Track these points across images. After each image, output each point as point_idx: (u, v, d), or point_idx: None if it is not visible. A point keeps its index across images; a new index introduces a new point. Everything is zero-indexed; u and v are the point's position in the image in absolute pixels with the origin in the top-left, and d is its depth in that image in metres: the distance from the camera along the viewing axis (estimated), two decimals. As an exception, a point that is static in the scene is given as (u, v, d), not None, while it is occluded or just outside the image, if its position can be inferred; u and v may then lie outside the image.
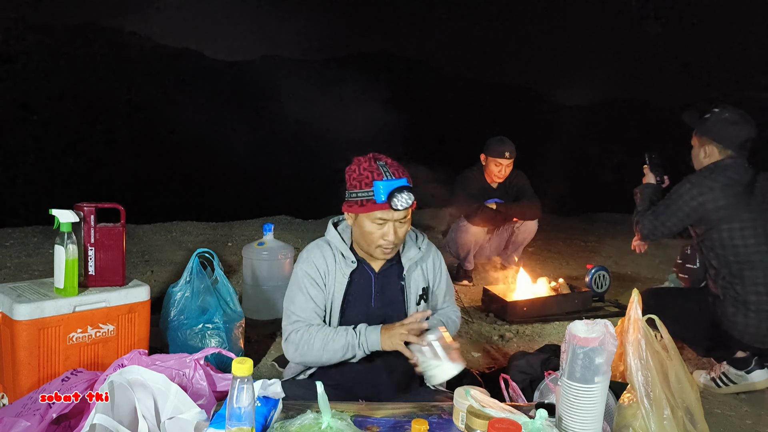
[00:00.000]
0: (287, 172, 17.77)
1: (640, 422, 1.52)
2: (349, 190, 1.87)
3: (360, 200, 1.83)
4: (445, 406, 1.57)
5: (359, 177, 1.83)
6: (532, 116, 21.36)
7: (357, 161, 1.87)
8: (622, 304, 3.81)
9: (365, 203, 1.83)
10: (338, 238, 1.97)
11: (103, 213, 2.28)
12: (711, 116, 2.64)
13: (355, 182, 1.84)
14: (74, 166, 17.37)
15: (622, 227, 6.58)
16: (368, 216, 1.84)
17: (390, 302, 1.98)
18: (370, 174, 1.82)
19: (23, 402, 1.76)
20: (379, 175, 1.82)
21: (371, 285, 1.97)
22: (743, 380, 2.64)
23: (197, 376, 1.82)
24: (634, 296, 1.62)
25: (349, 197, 1.87)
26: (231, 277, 3.95)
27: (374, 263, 1.99)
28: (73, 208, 2.17)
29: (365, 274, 1.97)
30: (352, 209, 1.86)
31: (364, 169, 1.83)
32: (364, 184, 1.82)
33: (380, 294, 1.97)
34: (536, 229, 4.14)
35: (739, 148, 2.58)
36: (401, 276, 1.99)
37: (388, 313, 1.97)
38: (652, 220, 2.70)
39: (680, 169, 2.75)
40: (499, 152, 3.97)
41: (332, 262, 1.94)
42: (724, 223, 2.52)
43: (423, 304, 2.04)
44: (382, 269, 1.99)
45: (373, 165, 1.83)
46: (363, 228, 1.87)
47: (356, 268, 1.94)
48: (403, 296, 1.99)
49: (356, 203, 1.84)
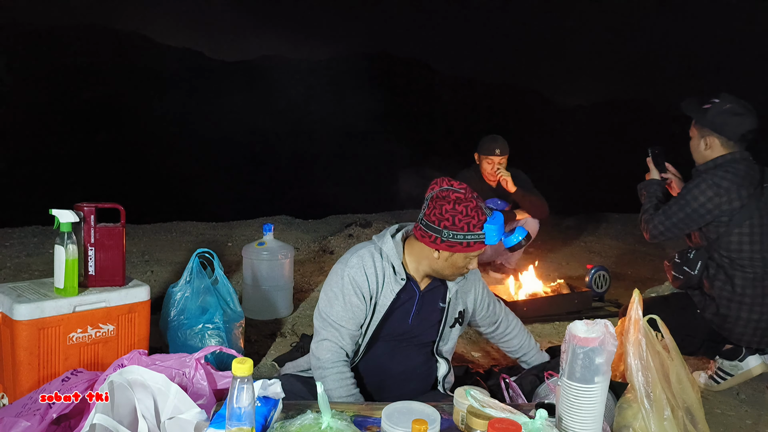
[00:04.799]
0: (287, 171, 17.78)
1: (640, 422, 1.52)
2: (451, 230, 1.77)
3: (468, 242, 1.79)
4: (445, 406, 1.57)
5: (466, 219, 1.77)
6: (532, 116, 21.36)
7: (453, 199, 1.78)
8: (622, 304, 3.80)
9: (473, 245, 1.80)
10: (394, 251, 1.91)
11: (103, 213, 2.28)
12: (712, 107, 2.55)
13: (463, 224, 1.77)
14: (74, 166, 17.36)
15: (622, 227, 6.58)
16: (468, 254, 1.82)
17: (426, 321, 1.98)
18: (476, 215, 1.78)
19: (23, 402, 1.76)
20: (483, 216, 1.79)
21: (414, 303, 1.95)
22: (739, 369, 2.62)
23: (197, 375, 1.82)
24: (634, 296, 1.62)
25: (453, 237, 1.78)
26: (231, 277, 3.95)
27: (421, 282, 1.96)
28: (73, 208, 2.16)
29: (411, 291, 1.94)
30: (454, 249, 1.80)
31: (471, 210, 1.77)
32: (473, 227, 1.78)
33: (419, 312, 1.96)
34: (537, 229, 4.14)
35: (741, 140, 2.53)
36: (444, 299, 1.98)
37: (421, 330, 1.97)
38: (663, 221, 2.60)
39: (683, 171, 2.72)
40: (490, 149, 3.94)
41: (382, 275, 1.89)
42: (736, 226, 2.49)
43: (458, 327, 2.05)
44: (427, 289, 1.97)
45: (477, 204, 1.79)
46: (455, 263, 1.84)
47: (404, 285, 1.91)
48: (441, 317, 1.99)
49: (460, 244, 1.79)
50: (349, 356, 1.90)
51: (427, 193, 1.86)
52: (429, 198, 1.84)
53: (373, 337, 1.93)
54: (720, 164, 2.54)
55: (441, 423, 1.39)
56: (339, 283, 1.89)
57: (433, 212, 1.80)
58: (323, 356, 1.86)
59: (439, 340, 2.00)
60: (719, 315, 2.56)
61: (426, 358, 2.02)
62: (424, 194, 1.89)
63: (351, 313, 1.87)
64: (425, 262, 1.89)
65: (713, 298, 2.58)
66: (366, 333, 1.91)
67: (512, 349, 2.32)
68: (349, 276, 1.87)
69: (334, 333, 1.87)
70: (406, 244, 1.94)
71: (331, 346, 1.86)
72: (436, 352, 2.02)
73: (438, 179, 1.86)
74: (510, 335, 2.29)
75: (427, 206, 1.83)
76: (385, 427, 1.36)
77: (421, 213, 1.86)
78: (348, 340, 1.87)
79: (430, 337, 2.00)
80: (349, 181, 20.96)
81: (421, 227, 1.84)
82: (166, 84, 26.21)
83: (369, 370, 1.95)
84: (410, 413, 1.39)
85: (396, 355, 1.96)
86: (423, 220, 1.84)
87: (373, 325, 1.90)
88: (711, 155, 2.58)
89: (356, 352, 1.94)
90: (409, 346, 1.98)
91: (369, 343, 1.93)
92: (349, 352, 1.89)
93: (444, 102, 24.97)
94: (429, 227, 1.81)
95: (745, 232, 2.50)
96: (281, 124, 20.31)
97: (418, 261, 1.91)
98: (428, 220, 1.81)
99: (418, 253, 1.90)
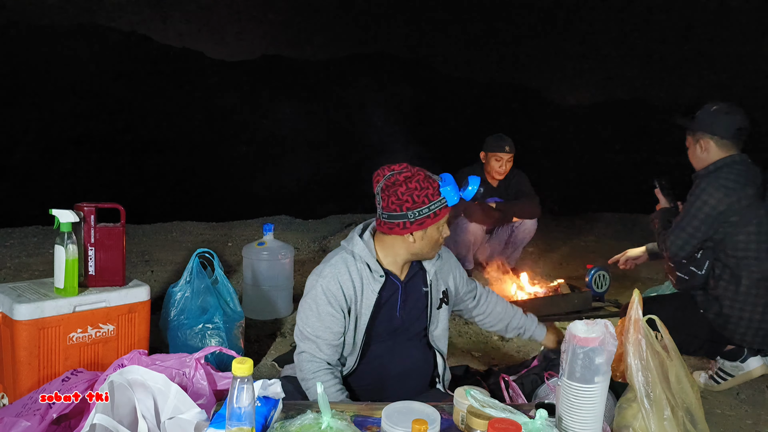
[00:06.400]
0: (287, 171, 17.82)
1: (640, 422, 1.52)
2: (415, 209, 1.79)
3: (433, 212, 1.81)
4: (445, 406, 1.57)
5: (423, 192, 1.79)
6: (532, 116, 21.40)
7: (402, 180, 1.80)
8: (622, 304, 3.80)
9: (439, 212, 1.82)
10: (366, 250, 1.90)
11: (103, 213, 2.28)
12: (701, 112, 2.62)
13: (422, 198, 1.79)
14: (74, 166, 17.38)
15: (622, 227, 6.58)
16: (437, 224, 1.85)
17: (414, 309, 1.99)
18: (429, 185, 1.80)
19: (23, 402, 1.76)
20: (435, 182, 1.82)
21: (398, 295, 1.95)
22: (739, 370, 2.63)
23: (197, 375, 1.82)
24: (634, 296, 1.62)
25: (418, 215, 1.80)
26: (231, 277, 3.95)
27: (401, 273, 1.97)
28: (73, 208, 2.16)
29: (392, 285, 1.95)
30: (425, 224, 1.82)
31: (423, 182, 1.80)
32: (432, 196, 1.80)
33: (405, 302, 1.96)
34: (535, 228, 4.14)
35: (734, 137, 2.55)
36: (426, 282, 1.99)
37: (411, 320, 1.98)
38: (679, 234, 2.57)
39: (686, 181, 2.72)
40: (499, 146, 4.00)
41: (359, 279, 1.89)
42: (743, 225, 2.50)
43: (444, 307, 2.05)
44: (408, 278, 1.98)
45: (425, 174, 1.82)
46: (431, 238, 1.86)
47: (384, 282, 1.91)
48: (427, 302, 1.99)
49: (428, 217, 1.81)
50: (332, 363, 1.90)
51: (374, 188, 1.87)
52: (379, 190, 1.84)
53: (366, 339, 1.93)
54: (720, 167, 2.54)
55: (441, 423, 1.39)
56: (312, 295, 1.89)
57: (390, 201, 1.81)
58: (304, 367, 1.88)
59: (429, 324, 2.01)
60: (722, 315, 2.56)
61: (422, 353, 2.02)
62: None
63: (326, 324, 1.87)
64: (402, 251, 1.90)
65: (717, 298, 2.58)
66: (356, 337, 1.91)
67: (499, 318, 2.29)
68: (322, 287, 1.88)
69: (311, 345, 1.88)
70: (376, 240, 1.94)
71: (309, 357, 1.88)
72: (430, 341, 2.03)
73: (377, 171, 1.86)
74: (492, 304, 2.28)
75: (381, 199, 1.84)
76: (385, 427, 1.36)
77: (378, 208, 1.87)
78: (327, 349, 1.88)
79: (421, 325, 2.00)
80: (349, 180, 21.04)
81: (385, 221, 1.85)
82: (166, 84, 26.21)
83: (368, 372, 1.96)
84: (410, 413, 1.39)
85: (393, 354, 1.96)
86: (384, 214, 1.84)
87: (361, 327, 1.90)
88: (708, 158, 2.59)
89: (354, 355, 1.94)
90: (403, 340, 1.98)
91: (364, 345, 1.93)
92: (330, 360, 1.89)
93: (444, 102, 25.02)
94: (393, 217, 1.82)
95: (752, 231, 2.50)
96: (281, 124, 20.37)
97: (393, 253, 1.92)
98: (389, 211, 1.82)
99: (391, 245, 1.91)
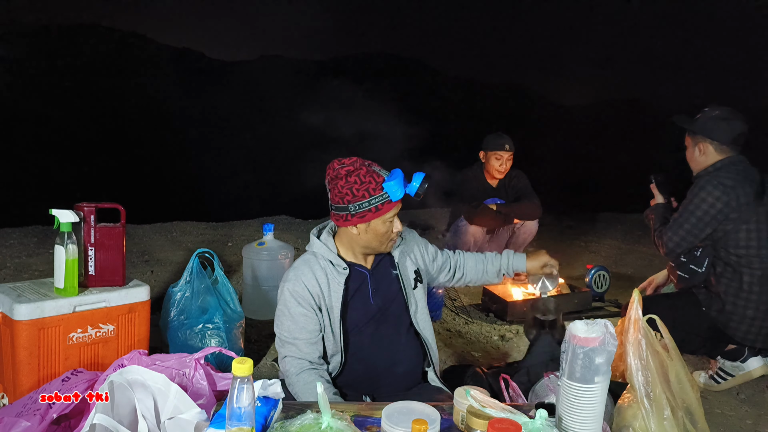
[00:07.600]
0: (287, 171, 17.80)
1: (640, 422, 1.52)
2: (355, 202, 1.83)
3: (374, 206, 1.84)
4: (445, 406, 1.57)
5: (363, 186, 1.82)
6: (532, 116, 21.39)
7: (344, 174, 1.83)
8: (622, 304, 3.81)
9: (381, 207, 1.84)
10: (324, 248, 1.96)
11: (103, 213, 2.28)
12: (701, 115, 2.66)
13: (361, 193, 1.82)
14: (74, 166, 17.37)
15: (622, 227, 6.58)
16: (382, 218, 1.87)
17: (387, 294, 2.01)
18: (372, 179, 1.83)
19: (23, 402, 1.76)
20: (379, 177, 1.84)
21: (367, 284, 1.98)
22: (740, 370, 2.64)
23: (197, 375, 1.82)
24: (634, 296, 1.62)
25: (358, 209, 1.84)
26: (231, 277, 3.95)
27: (366, 262, 2.00)
28: (73, 208, 2.16)
29: (359, 275, 1.98)
30: (365, 218, 1.85)
31: (364, 176, 1.83)
32: (372, 191, 1.82)
33: (377, 289, 1.99)
34: (536, 229, 4.14)
35: (733, 143, 2.59)
36: (394, 265, 2.03)
37: (387, 305, 2.00)
38: (677, 231, 2.60)
39: (685, 177, 2.73)
40: (499, 145, 3.99)
41: (323, 276, 1.93)
42: (743, 223, 2.52)
43: (420, 286, 2.08)
44: (374, 265, 2.01)
45: (368, 169, 1.84)
46: (377, 231, 1.89)
47: (349, 273, 1.95)
48: (400, 284, 2.03)
49: (369, 211, 1.84)
50: (314, 361, 1.92)
51: (325, 181, 1.92)
52: (327, 183, 1.90)
53: (344, 331, 1.94)
54: (719, 168, 2.58)
55: (441, 423, 1.39)
56: (282, 300, 1.94)
57: (334, 194, 1.86)
58: (288, 370, 1.91)
59: (408, 305, 2.03)
60: (725, 313, 2.57)
61: (408, 340, 2.03)
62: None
63: (300, 324, 1.90)
64: (355, 244, 1.95)
65: (719, 295, 2.59)
66: (333, 330, 1.93)
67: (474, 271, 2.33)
68: (288, 290, 1.92)
69: (291, 348, 1.91)
70: (336, 236, 2.00)
71: (291, 360, 1.91)
72: (417, 329, 2.04)
73: (329, 164, 1.90)
74: (463, 264, 2.32)
75: (329, 191, 1.90)
76: (385, 427, 1.36)
77: (329, 201, 1.92)
78: (306, 348, 1.90)
79: (399, 308, 2.02)
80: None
81: (333, 212, 1.91)
82: (166, 84, 26.22)
83: (357, 367, 1.96)
84: (410, 413, 1.39)
85: (380, 345, 1.97)
86: (331, 206, 1.91)
87: (336, 319, 1.92)
88: (706, 161, 2.64)
89: (338, 352, 1.95)
90: (388, 330, 1.99)
91: (345, 337, 1.95)
92: (311, 359, 1.91)
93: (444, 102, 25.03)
94: (338, 209, 1.88)
95: (752, 228, 2.52)
96: (281, 124, 20.35)
97: (350, 246, 1.97)
98: (334, 203, 1.88)
99: (346, 238, 1.96)
